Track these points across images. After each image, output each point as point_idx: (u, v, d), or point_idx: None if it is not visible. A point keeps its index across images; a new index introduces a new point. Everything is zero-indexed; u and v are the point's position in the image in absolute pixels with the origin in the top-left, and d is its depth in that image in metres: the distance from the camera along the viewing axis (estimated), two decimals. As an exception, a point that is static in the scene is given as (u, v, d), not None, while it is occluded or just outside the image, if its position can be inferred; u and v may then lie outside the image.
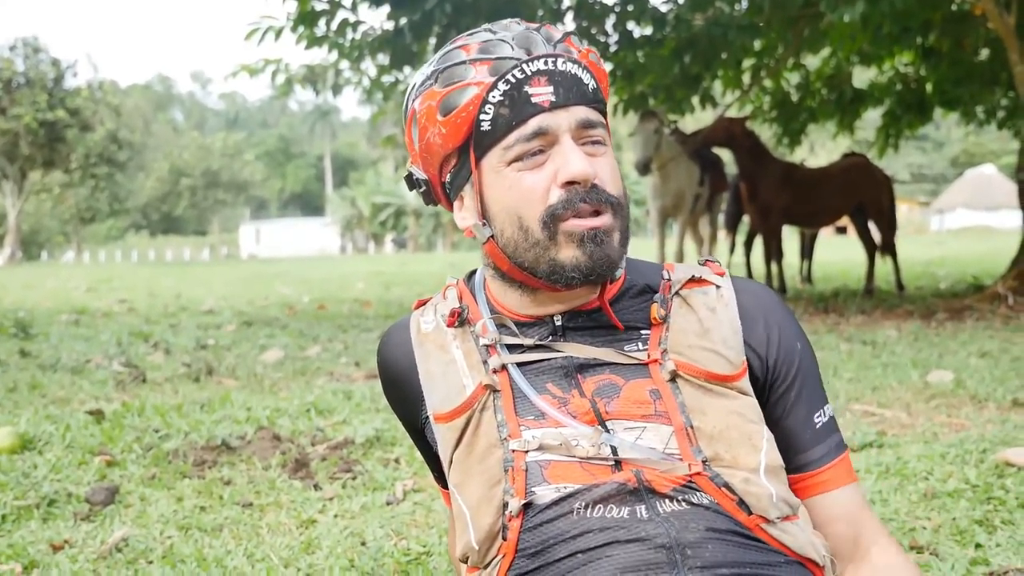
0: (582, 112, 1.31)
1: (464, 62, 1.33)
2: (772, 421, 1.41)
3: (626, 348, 1.38)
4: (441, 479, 1.56)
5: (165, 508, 2.93)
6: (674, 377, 1.34)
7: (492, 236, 1.37)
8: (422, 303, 1.56)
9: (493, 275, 1.45)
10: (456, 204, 1.43)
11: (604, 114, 1.37)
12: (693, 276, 1.44)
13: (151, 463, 3.43)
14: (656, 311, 1.39)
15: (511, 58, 1.31)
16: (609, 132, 1.39)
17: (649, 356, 1.36)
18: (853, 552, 1.41)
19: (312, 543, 2.60)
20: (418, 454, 3.52)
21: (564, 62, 1.30)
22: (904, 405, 4.27)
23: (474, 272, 1.53)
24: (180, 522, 2.79)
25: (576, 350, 1.37)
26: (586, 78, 1.32)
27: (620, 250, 1.34)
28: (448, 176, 1.41)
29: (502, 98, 1.29)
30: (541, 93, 1.29)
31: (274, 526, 2.77)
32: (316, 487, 3.17)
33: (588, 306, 1.39)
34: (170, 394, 4.90)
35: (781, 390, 1.42)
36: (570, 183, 1.29)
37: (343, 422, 4.06)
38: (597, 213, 1.31)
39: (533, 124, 1.29)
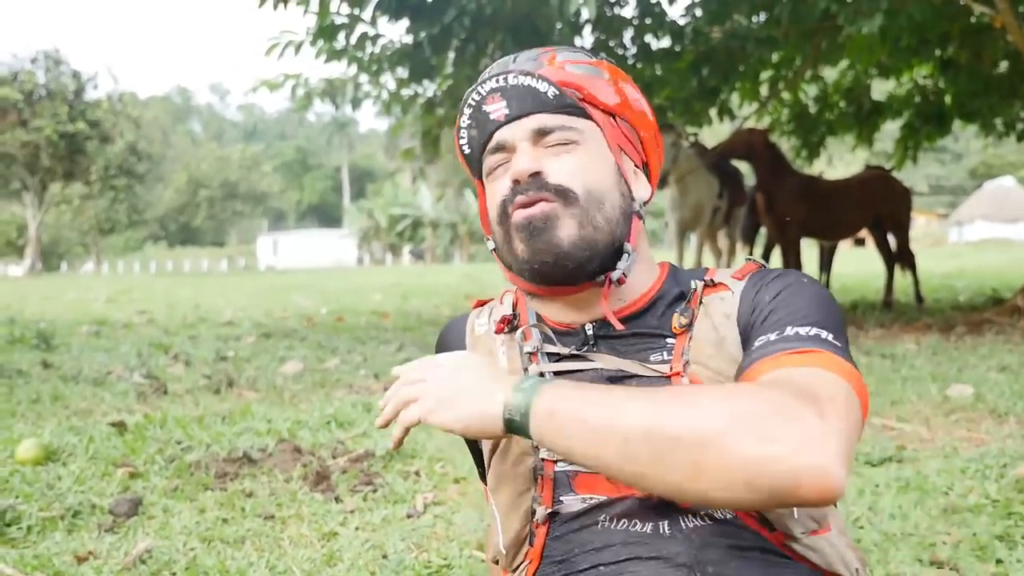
0: (538, 120, 1.34)
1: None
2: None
3: (652, 358, 1.37)
4: (484, 476, 1.58)
5: (188, 520, 2.95)
6: None
7: (495, 248, 1.43)
8: (480, 303, 1.58)
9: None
10: None
11: (583, 114, 1.37)
12: (710, 281, 1.41)
13: (173, 475, 3.46)
14: (676, 320, 1.38)
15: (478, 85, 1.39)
16: (604, 127, 1.38)
17: (672, 368, 1.35)
18: None
19: (333, 556, 2.62)
20: (438, 467, 3.56)
21: (515, 76, 1.35)
22: (924, 419, 4.25)
23: None
24: (203, 534, 2.81)
25: (605, 361, 1.37)
26: (543, 87, 1.34)
27: (573, 240, 1.31)
28: None
29: (470, 121, 1.40)
30: (496, 109, 1.36)
31: (296, 538, 2.79)
32: (337, 500, 3.19)
33: (617, 315, 1.39)
34: (191, 406, 4.92)
35: (753, 331, 1.30)
36: (516, 181, 1.34)
37: (363, 435, 4.08)
38: (535, 203, 1.33)
39: (495, 139, 1.37)
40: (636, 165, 1.43)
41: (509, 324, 1.46)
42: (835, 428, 1.03)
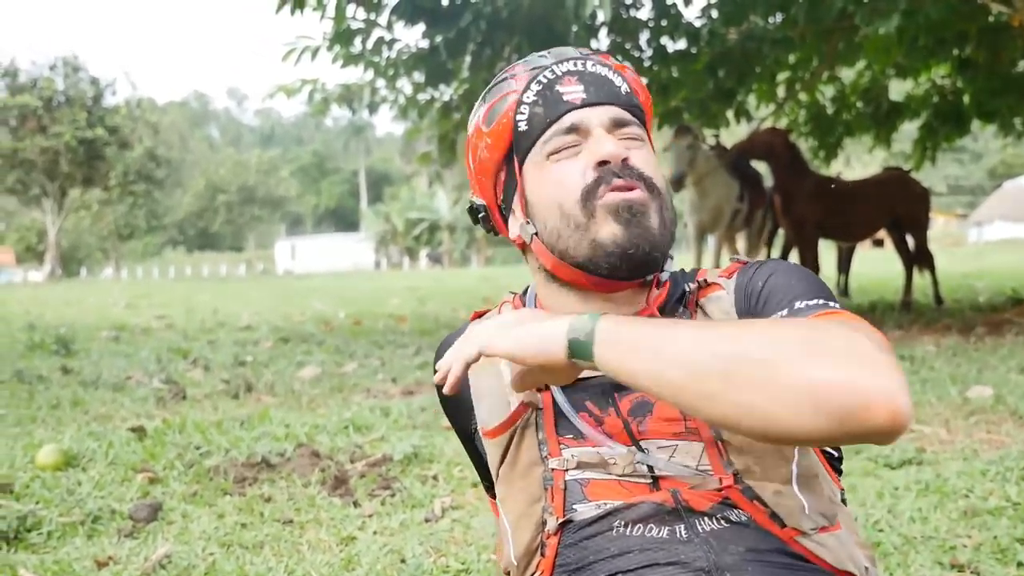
0: (614, 111, 1.34)
1: (506, 78, 1.40)
2: None
3: None
4: (490, 488, 1.57)
5: (207, 525, 2.96)
6: None
7: (536, 233, 1.38)
8: (479, 315, 1.55)
9: (544, 279, 1.43)
10: (510, 219, 1.45)
11: (642, 121, 1.39)
12: (704, 282, 1.41)
13: (192, 480, 3.47)
14: None
15: (544, 65, 1.37)
16: (650, 137, 1.40)
17: None
18: None
19: (352, 560, 2.62)
20: (456, 471, 3.56)
21: (594, 64, 1.35)
22: (943, 421, 4.23)
23: (528, 288, 1.53)
24: (222, 539, 2.82)
25: None
26: (617, 80, 1.35)
27: (661, 231, 1.32)
28: (501, 193, 1.44)
29: (536, 98, 1.35)
30: (572, 91, 1.33)
31: (314, 543, 2.80)
32: (355, 504, 3.19)
33: None
34: (210, 411, 4.94)
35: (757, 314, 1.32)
36: (602, 163, 1.31)
37: (381, 439, 4.09)
38: (632, 189, 1.31)
39: (568, 120, 1.33)
40: None
41: None
42: (895, 361, 1.03)
